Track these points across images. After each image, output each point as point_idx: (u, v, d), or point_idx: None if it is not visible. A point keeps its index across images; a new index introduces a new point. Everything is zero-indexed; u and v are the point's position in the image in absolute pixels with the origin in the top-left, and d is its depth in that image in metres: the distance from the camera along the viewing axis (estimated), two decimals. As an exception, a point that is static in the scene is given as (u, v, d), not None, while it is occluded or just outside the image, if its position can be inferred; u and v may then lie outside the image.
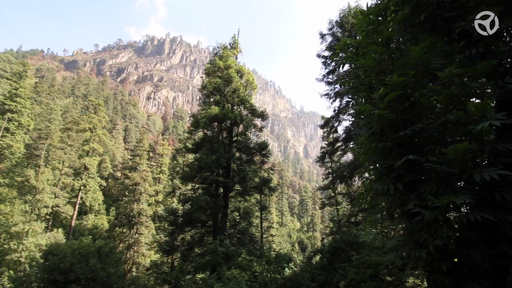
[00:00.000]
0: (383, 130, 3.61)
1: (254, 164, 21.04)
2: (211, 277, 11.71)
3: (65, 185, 36.38)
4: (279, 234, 53.73)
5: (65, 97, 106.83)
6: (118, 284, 17.89)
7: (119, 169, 63.51)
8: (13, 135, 31.72)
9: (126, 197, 35.53)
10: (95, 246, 18.26)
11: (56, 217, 35.67)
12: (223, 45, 22.52)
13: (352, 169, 18.57)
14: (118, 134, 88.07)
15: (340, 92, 18.91)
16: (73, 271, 15.55)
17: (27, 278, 16.87)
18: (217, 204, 17.72)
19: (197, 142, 20.71)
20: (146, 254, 32.17)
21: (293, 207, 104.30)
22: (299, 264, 15.44)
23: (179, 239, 20.31)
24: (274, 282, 11.82)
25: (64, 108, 75.14)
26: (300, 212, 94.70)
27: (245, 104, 21.15)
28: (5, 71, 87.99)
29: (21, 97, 33.79)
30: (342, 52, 4.53)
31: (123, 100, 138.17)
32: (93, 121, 39.64)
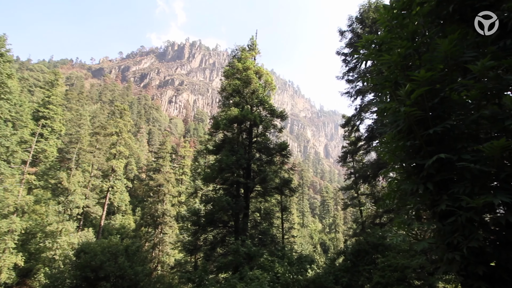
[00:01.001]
0: (410, 128, 3.47)
1: (274, 165, 20.99)
2: (234, 277, 11.80)
3: (94, 186, 38.31)
4: (301, 235, 53.12)
5: (93, 103, 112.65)
6: (145, 282, 18.50)
7: (143, 171, 65.92)
8: (46, 140, 33.97)
9: (150, 197, 36.79)
10: (123, 245, 19.05)
11: (87, 217, 37.64)
12: (242, 47, 22.70)
13: (375, 168, 18.00)
14: (142, 137, 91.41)
15: (361, 89, 18.41)
16: (103, 268, 16.32)
17: (61, 275, 17.90)
18: (238, 204, 17.85)
19: (217, 144, 21.01)
20: (170, 253, 33.07)
21: (314, 207, 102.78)
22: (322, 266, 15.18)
23: (202, 239, 20.69)
24: (296, 284, 11.71)
25: (92, 113, 79.24)
26: (321, 213, 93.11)
27: (264, 105, 21.18)
28: (39, 80, 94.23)
29: (53, 104, 36.10)
30: (364, 49, 4.41)
31: (146, 104, 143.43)
32: (119, 125, 41.48)
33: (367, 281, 11.06)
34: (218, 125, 19.54)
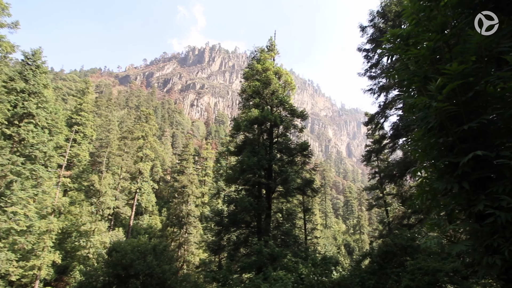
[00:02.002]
0: (442, 124, 3.30)
1: (296, 165, 20.80)
2: (258, 277, 11.83)
3: (123, 188, 40.15)
4: (324, 236, 52.16)
5: (121, 108, 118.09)
6: (172, 280, 19.05)
7: (168, 173, 68.06)
8: (79, 145, 36.17)
9: (175, 198, 37.86)
10: (151, 244, 19.76)
11: (117, 217, 39.50)
12: (260, 48, 22.77)
13: (402, 167, 17.26)
14: (166, 140, 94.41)
15: (385, 86, 17.77)
16: (133, 266, 17.03)
17: (95, 272, 18.91)
18: (260, 205, 17.89)
19: (238, 145, 21.21)
20: (195, 252, 33.82)
21: (337, 208, 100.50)
22: (347, 268, 14.79)
23: (225, 239, 20.94)
24: (321, 285, 11.51)
25: (120, 118, 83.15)
26: (345, 213, 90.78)
27: (284, 105, 21.08)
28: (71, 89, 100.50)
29: (85, 111, 38.38)
30: (388, 43, 4.27)
31: (169, 108, 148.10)
32: (145, 129, 43.19)
33: (395, 284, 10.63)
34: (239, 127, 19.72)
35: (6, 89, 20.70)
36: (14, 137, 20.09)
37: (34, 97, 21.11)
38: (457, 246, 3.17)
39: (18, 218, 19.10)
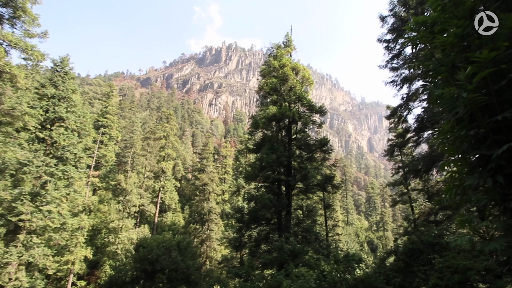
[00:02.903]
0: (473, 115, 3.13)
1: (315, 161, 20.55)
2: (279, 274, 11.86)
3: (147, 187, 41.66)
4: (346, 233, 51.24)
5: (143, 110, 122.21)
6: (196, 275, 19.61)
7: (189, 171, 69.70)
8: (106, 146, 37.96)
9: (197, 196, 38.76)
10: (175, 241, 20.43)
11: (142, 215, 41.06)
12: (277, 45, 22.61)
13: (428, 162, 16.54)
14: (187, 140, 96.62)
15: (408, 77, 17.06)
16: (159, 262, 17.73)
17: (124, 267, 19.87)
18: (280, 202, 17.88)
19: (257, 142, 21.27)
20: (217, 249, 34.47)
21: (359, 204, 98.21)
22: (371, 265, 14.47)
23: (246, 235, 21.16)
24: (344, 283, 11.33)
25: (142, 120, 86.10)
26: (367, 210, 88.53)
27: (302, 101, 20.84)
28: (97, 93, 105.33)
29: (110, 113, 40.15)
30: (412, 32, 4.09)
31: (189, 108, 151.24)
32: (166, 129, 44.49)
33: (422, 282, 10.25)
34: (257, 124, 19.77)
35: (38, 95, 22.15)
36: (47, 140, 21.47)
37: (63, 102, 22.42)
38: (490, 243, 3.02)
39: (53, 216, 20.43)
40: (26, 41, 16.26)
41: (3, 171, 19.77)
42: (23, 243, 19.39)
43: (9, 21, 16.26)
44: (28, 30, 16.61)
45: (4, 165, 19.26)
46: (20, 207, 18.85)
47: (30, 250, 19.39)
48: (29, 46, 16.13)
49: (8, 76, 15.77)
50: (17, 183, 20.07)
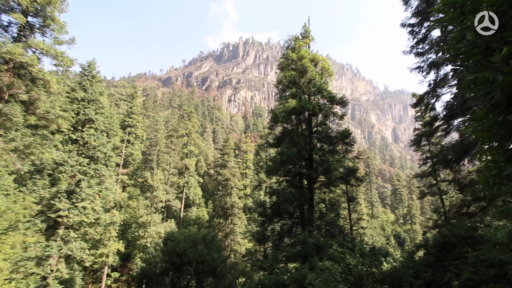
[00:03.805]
0: (510, 99, 2.93)
1: (337, 154, 20.17)
2: (304, 267, 11.90)
3: (172, 183, 43.17)
4: (371, 227, 50.02)
5: (165, 109, 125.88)
6: (221, 268, 20.18)
7: (211, 167, 71.12)
8: (132, 145, 39.76)
9: (219, 191, 39.55)
10: (200, 234, 21.11)
11: (169, 210, 42.67)
12: (295, 37, 22.27)
13: (459, 151, 15.67)
14: (208, 136, 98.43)
15: (435, 62, 16.16)
16: (186, 254, 18.43)
17: (154, 259, 20.88)
18: (303, 195, 17.82)
19: (277, 137, 21.23)
20: (241, 242, 35.10)
21: (385, 197, 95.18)
22: (398, 260, 14.06)
23: (269, 229, 21.36)
24: (371, 276, 11.16)
25: (165, 118, 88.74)
26: (393, 202, 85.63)
27: (322, 93, 20.45)
28: (122, 95, 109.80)
29: (135, 113, 41.90)
30: (440, 14, 3.86)
31: (209, 105, 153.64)
32: (188, 127, 45.66)
33: (455, 277, 9.86)
34: (276, 118, 19.72)
35: (69, 99, 23.61)
36: (79, 141, 22.89)
37: (92, 104, 23.74)
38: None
39: (88, 212, 21.84)
40: (56, 48, 17.32)
41: (42, 171, 21.38)
42: (62, 237, 20.93)
43: (40, 30, 17.38)
44: (57, 37, 17.66)
45: (42, 165, 20.82)
46: (58, 204, 20.32)
47: (68, 244, 20.91)
48: (59, 52, 17.17)
49: (41, 82, 16.92)
50: (55, 182, 21.62)
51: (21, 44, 16.02)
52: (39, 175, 21.54)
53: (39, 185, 20.78)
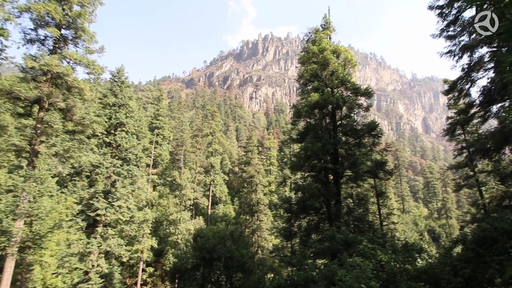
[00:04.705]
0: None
1: (364, 147, 19.54)
2: (333, 263, 11.76)
3: (199, 181, 44.46)
4: (402, 222, 48.13)
5: (189, 109, 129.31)
6: (250, 264, 20.52)
7: (236, 165, 72.14)
8: (160, 146, 41.47)
9: (245, 188, 40.08)
10: (228, 231, 21.59)
11: (197, 207, 44.05)
12: (315, 29, 21.82)
13: (499, 139, 14.57)
14: (231, 134, 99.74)
15: (468, 45, 15.07)
16: (215, 250, 18.97)
17: (185, 255, 21.72)
18: (329, 191, 17.54)
19: (300, 132, 21.01)
20: (268, 238, 35.39)
21: (416, 191, 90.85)
22: (434, 256, 13.42)
23: (296, 225, 21.30)
24: (404, 273, 10.77)
25: (189, 119, 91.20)
26: (426, 196, 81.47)
27: (345, 85, 19.88)
28: (149, 98, 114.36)
29: (161, 115, 43.60)
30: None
31: (231, 104, 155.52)
32: (212, 126, 46.66)
33: (497, 274, 9.24)
34: (299, 113, 19.51)
35: (102, 104, 25.14)
36: (112, 144, 24.32)
37: (123, 109, 25.08)
38: None
39: (123, 211, 23.19)
40: (87, 58, 18.44)
41: (80, 173, 23.00)
42: (101, 234, 22.41)
43: (72, 41, 18.58)
44: (88, 47, 18.79)
45: (81, 168, 22.39)
46: (96, 204, 21.77)
47: (107, 241, 22.35)
48: (91, 61, 18.27)
49: (76, 90, 18.13)
50: (92, 183, 23.17)
51: (57, 55, 17.25)
52: (78, 177, 23.20)
53: (78, 186, 22.39)
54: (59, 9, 17.25)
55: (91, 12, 18.50)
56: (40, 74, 16.94)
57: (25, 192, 15.77)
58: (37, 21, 16.99)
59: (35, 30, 17.27)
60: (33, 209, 15.89)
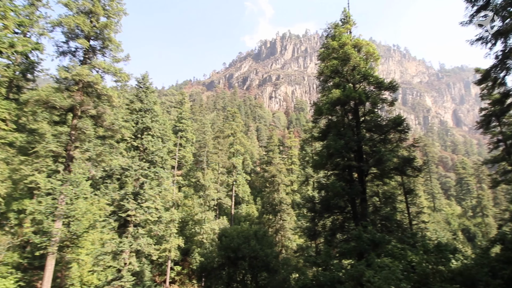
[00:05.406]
0: None
1: (390, 143, 18.84)
2: (360, 264, 11.50)
3: (222, 181, 45.24)
4: (433, 221, 45.91)
5: (210, 111, 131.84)
6: (274, 263, 20.56)
7: (257, 165, 72.46)
8: (184, 148, 42.74)
9: (267, 188, 40.16)
10: (252, 230, 21.79)
11: (220, 207, 44.79)
12: (334, 24, 21.40)
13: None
14: (252, 135, 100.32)
15: (502, 30, 14.04)
16: (240, 250, 19.22)
17: (211, 254, 22.20)
18: (353, 189, 17.11)
19: (322, 130, 20.65)
20: (291, 238, 35.20)
21: (448, 188, 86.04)
22: (470, 256, 12.65)
23: (320, 224, 21.02)
24: (438, 275, 10.28)
25: (211, 121, 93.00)
26: (459, 193, 76.93)
27: (368, 79, 19.27)
28: (171, 102, 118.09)
29: (184, 118, 44.93)
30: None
31: (251, 104, 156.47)
32: (233, 127, 47.30)
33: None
34: (320, 111, 19.21)
35: (129, 110, 26.40)
36: (139, 147, 25.46)
37: (148, 114, 26.18)
38: None
39: (151, 211, 24.17)
40: (114, 66, 19.43)
41: (111, 176, 24.26)
42: (132, 234, 23.49)
43: (100, 51, 19.66)
44: (115, 56, 19.80)
45: (112, 171, 23.62)
46: (127, 205, 22.85)
47: (137, 240, 23.38)
48: (118, 69, 19.23)
49: (105, 97, 19.16)
50: (122, 185, 24.35)
51: (87, 65, 18.34)
52: (110, 180, 24.50)
53: (110, 188, 23.64)
54: (87, 21, 18.32)
55: (116, 22, 19.46)
56: (73, 84, 18.10)
57: (63, 194, 16.91)
58: (68, 34, 18.16)
59: (67, 42, 18.49)
60: (70, 210, 17.01)
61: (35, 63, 23.51)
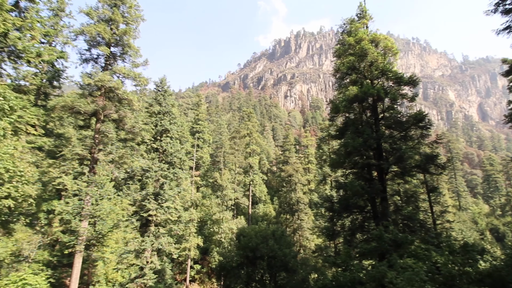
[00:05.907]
0: None
1: (411, 140, 18.19)
2: (382, 264, 11.22)
3: (239, 181, 45.59)
4: (459, 220, 43.91)
5: (226, 112, 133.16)
6: (292, 263, 20.46)
7: (274, 164, 72.37)
8: (201, 149, 43.48)
9: (284, 187, 40.03)
10: (270, 230, 21.80)
11: (238, 207, 45.15)
12: (350, 19, 20.98)
13: None
14: (268, 134, 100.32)
15: (531, 18, 13.24)
16: (258, 249, 19.30)
17: (229, 253, 22.44)
18: (373, 188, 16.70)
19: (339, 128, 20.31)
20: (309, 238, 34.90)
21: (474, 186, 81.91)
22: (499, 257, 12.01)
23: (339, 224, 20.67)
24: (465, 277, 9.86)
25: (227, 121, 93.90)
26: (486, 191, 73.02)
27: (386, 75, 18.73)
28: (188, 104, 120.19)
29: (201, 120, 45.72)
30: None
31: (266, 104, 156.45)
32: (248, 127, 47.53)
33: None
34: (337, 109, 18.90)
35: (148, 113, 27.25)
36: (159, 149, 26.20)
37: (167, 116, 26.88)
38: None
39: (171, 211, 24.79)
40: (134, 71, 20.09)
41: (133, 177, 25.12)
42: (153, 233, 24.19)
43: (120, 57, 20.39)
44: (134, 61, 20.47)
45: (133, 172, 24.45)
46: (148, 205, 23.58)
47: (158, 239, 24.06)
48: (137, 74, 19.88)
49: (126, 101, 19.85)
50: (143, 186, 25.13)
51: (108, 71, 19.08)
52: (131, 181, 25.38)
53: (132, 189, 24.50)
54: (108, 29, 19.06)
55: (135, 28, 20.12)
56: (95, 89, 18.91)
57: (88, 195, 17.71)
58: (90, 42, 18.99)
59: (89, 50, 19.33)
60: (95, 210, 17.79)
61: (61, 71, 24.79)
